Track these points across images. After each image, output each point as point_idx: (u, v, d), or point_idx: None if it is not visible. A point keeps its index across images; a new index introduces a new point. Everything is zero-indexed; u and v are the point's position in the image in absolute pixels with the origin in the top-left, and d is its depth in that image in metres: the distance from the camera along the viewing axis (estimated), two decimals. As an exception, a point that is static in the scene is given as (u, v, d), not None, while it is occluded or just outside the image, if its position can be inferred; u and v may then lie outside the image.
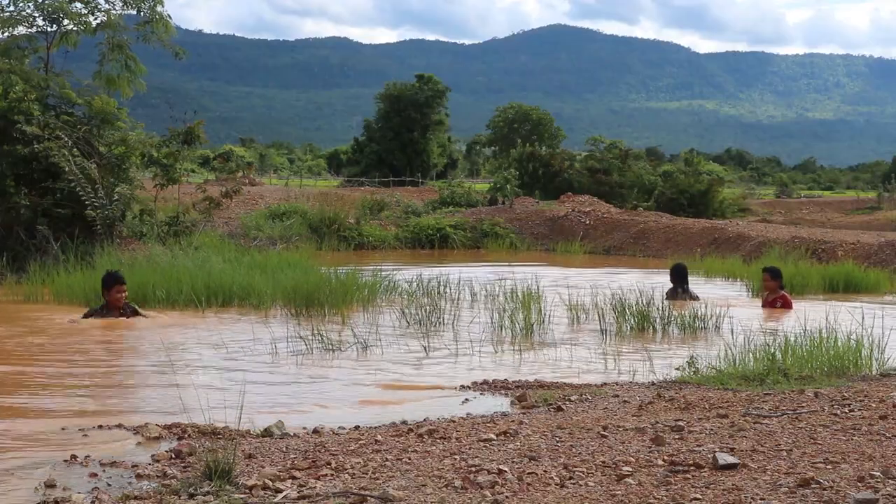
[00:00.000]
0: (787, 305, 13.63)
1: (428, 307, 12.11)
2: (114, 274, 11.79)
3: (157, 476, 4.97)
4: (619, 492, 4.33)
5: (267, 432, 6.10)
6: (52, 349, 10.09)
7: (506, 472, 4.68)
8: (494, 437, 5.59)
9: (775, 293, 13.83)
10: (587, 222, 30.77)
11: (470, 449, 5.32)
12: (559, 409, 6.74)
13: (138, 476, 5.01)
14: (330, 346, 9.74)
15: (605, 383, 8.12)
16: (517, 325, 11.14)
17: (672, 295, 14.15)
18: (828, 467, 4.65)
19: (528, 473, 4.67)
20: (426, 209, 34.30)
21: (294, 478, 4.71)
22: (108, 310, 11.66)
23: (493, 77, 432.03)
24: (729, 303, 12.88)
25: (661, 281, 15.51)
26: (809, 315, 10.00)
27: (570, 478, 4.60)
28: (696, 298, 13.99)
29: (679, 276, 14.63)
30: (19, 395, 7.59)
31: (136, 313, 11.78)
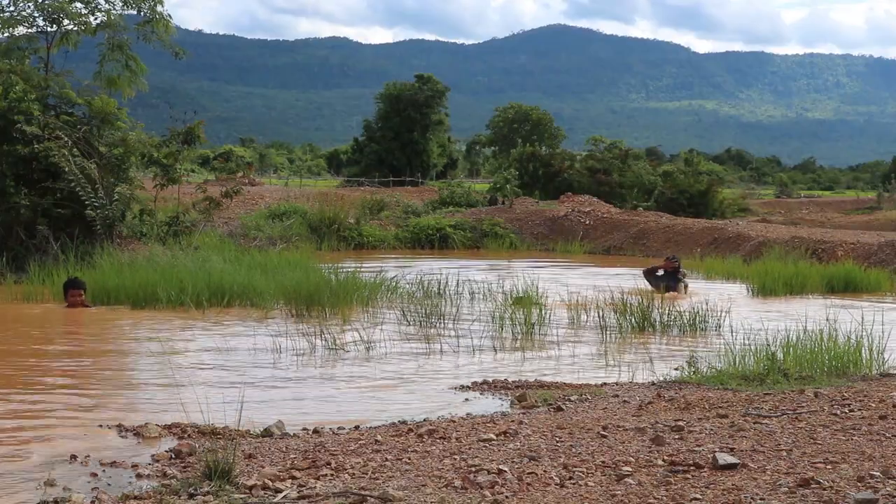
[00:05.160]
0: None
1: (428, 307, 12.12)
2: (70, 280, 13.20)
3: (157, 476, 4.97)
4: (619, 492, 4.33)
5: (267, 432, 6.10)
6: (52, 349, 10.09)
7: (506, 472, 4.68)
8: (494, 437, 5.59)
9: None
10: (587, 222, 30.77)
11: (470, 449, 5.32)
12: (559, 409, 6.74)
13: (138, 476, 5.01)
14: (331, 347, 9.74)
15: (605, 383, 8.12)
16: (517, 324, 11.15)
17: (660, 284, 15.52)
18: (828, 467, 4.65)
19: (528, 473, 4.67)
20: (426, 209, 34.27)
21: (294, 478, 4.72)
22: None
23: (493, 77, 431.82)
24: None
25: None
26: (809, 315, 10.00)
27: (570, 478, 4.60)
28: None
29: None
30: (19, 394, 7.59)
31: None
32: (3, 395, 7.51)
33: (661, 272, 15.91)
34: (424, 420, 6.50)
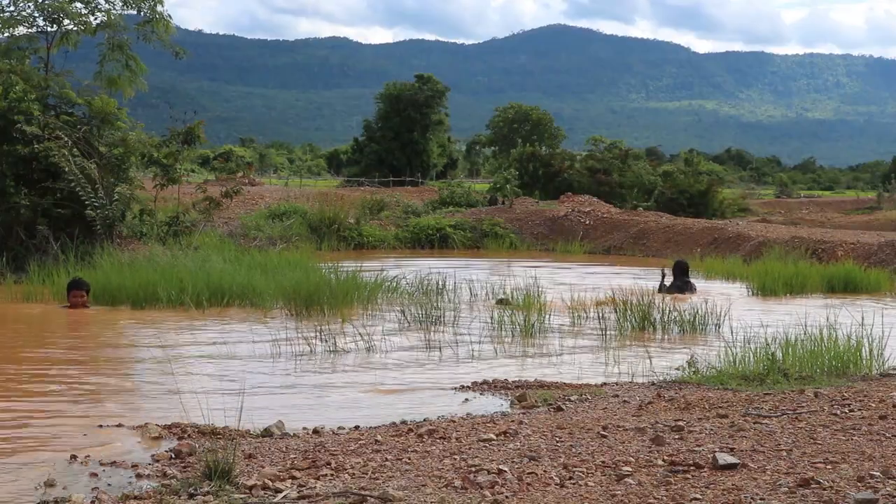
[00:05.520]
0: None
1: (428, 307, 12.11)
2: (73, 280, 13.16)
3: (157, 476, 4.97)
4: (619, 492, 4.33)
5: (267, 432, 6.10)
6: (52, 349, 10.09)
7: (506, 472, 4.68)
8: (494, 437, 5.59)
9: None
10: (587, 222, 30.77)
11: (470, 449, 5.32)
12: (559, 409, 6.74)
13: (138, 476, 5.01)
14: (331, 347, 9.74)
15: (605, 383, 8.12)
16: (517, 324, 11.14)
17: (670, 288, 15.41)
18: (828, 467, 4.65)
19: (528, 473, 4.67)
20: (426, 209, 34.27)
21: (294, 478, 4.72)
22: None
23: (493, 77, 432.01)
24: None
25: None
26: (809, 315, 10.00)
27: (570, 478, 4.60)
28: (694, 290, 15.67)
29: (680, 272, 16.05)
30: (20, 394, 7.59)
31: None
32: (2, 395, 7.51)
33: (668, 279, 15.94)
34: (424, 420, 6.50)
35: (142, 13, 21.13)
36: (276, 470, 4.88)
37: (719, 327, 11.36)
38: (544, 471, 4.71)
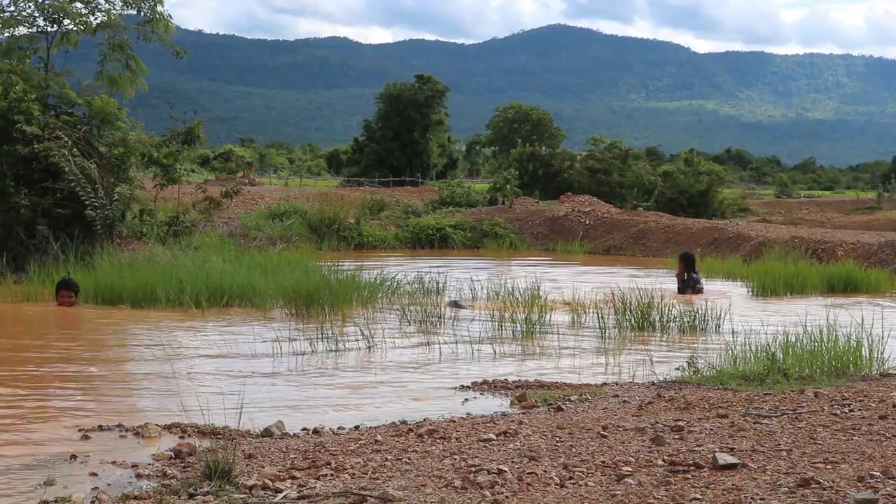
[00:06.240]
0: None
1: (428, 307, 12.11)
2: (62, 281, 13.18)
3: (157, 476, 4.97)
4: (619, 492, 4.33)
5: (267, 432, 6.10)
6: (51, 349, 10.09)
7: (506, 472, 4.68)
8: (494, 437, 5.59)
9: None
10: (587, 222, 30.76)
11: (470, 449, 5.32)
12: (559, 409, 6.74)
13: (138, 476, 5.01)
14: (331, 347, 9.74)
15: (605, 383, 8.12)
16: (517, 324, 11.14)
17: (686, 284, 15.79)
18: (828, 467, 4.65)
19: (528, 473, 4.67)
20: (426, 209, 34.25)
21: (294, 478, 4.72)
22: None
23: (493, 77, 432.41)
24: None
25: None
26: (809, 315, 10.00)
27: (570, 478, 4.60)
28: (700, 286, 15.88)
29: (687, 263, 16.19)
30: (20, 394, 7.58)
31: None
32: (2, 395, 7.51)
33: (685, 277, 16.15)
34: (424, 420, 6.50)
35: (142, 13, 21.12)
36: (276, 470, 4.88)
37: (719, 327, 11.36)
38: (544, 471, 4.71)
